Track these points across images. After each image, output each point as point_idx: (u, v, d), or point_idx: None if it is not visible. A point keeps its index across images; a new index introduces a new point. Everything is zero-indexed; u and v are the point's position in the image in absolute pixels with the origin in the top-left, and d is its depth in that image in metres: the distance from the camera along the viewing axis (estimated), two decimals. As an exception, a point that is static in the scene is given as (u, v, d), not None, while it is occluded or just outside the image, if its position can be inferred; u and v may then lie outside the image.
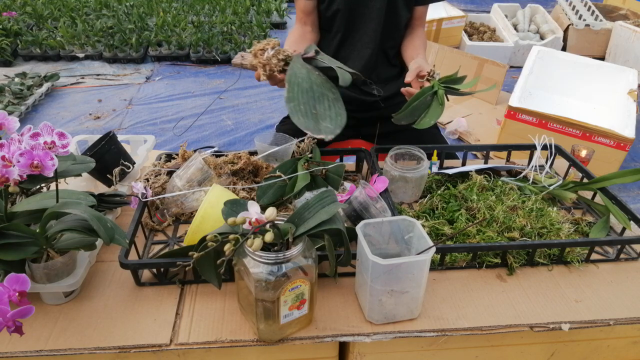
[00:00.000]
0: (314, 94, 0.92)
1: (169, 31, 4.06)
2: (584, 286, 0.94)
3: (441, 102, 1.12)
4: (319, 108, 0.90)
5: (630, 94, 2.50)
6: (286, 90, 0.93)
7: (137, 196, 0.99)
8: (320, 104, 0.91)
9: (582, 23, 4.04)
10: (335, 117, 0.89)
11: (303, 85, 0.92)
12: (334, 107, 0.91)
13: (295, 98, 0.91)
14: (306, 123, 0.88)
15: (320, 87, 0.93)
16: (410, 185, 1.13)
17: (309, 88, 0.92)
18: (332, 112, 0.90)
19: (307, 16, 1.42)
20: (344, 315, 0.85)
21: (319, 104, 0.91)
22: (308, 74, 0.95)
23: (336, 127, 0.89)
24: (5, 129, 0.86)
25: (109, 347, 0.78)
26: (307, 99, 0.91)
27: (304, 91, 0.92)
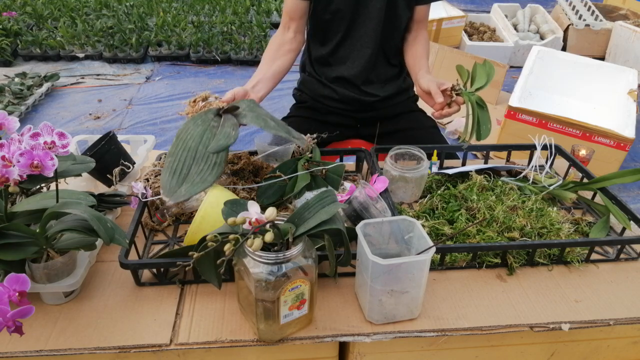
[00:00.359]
0: (197, 154, 0.91)
1: (169, 31, 4.07)
2: (584, 286, 0.94)
3: (483, 106, 1.14)
4: (193, 169, 0.89)
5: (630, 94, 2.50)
6: (172, 144, 0.94)
7: (137, 196, 0.99)
8: (197, 165, 0.90)
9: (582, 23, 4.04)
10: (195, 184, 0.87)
11: (189, 143, 0.92)
12: (206, 172, 0.89)
13: (175, 154, 0.91)
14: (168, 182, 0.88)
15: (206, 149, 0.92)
16: (410, 185, 1.13)
17: (194, 147, 0.92)
18: (198, 177, 0.88)
19: (292, 21, 1.38)
20: (344, 315, 0.85)
21: (195, 165, 0.90)
22: (202, 134, 0.94)
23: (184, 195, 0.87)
24: (5, 129, 0.86)
25: (109, 347, 0.78)
26: (185, 157, 0.90)
27: (186, 149, 0.92)
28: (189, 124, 0.95)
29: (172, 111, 3.16)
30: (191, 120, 0.96)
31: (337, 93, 1.48)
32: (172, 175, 0.88)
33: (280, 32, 1.41)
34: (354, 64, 1.44)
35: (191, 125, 0.95)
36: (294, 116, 1.59)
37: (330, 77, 1.48)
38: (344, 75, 1.45)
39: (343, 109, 1.52)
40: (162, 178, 0.88)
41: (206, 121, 0.96)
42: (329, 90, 1.49)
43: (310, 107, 1.57)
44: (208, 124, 0.95)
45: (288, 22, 1.39)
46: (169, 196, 0.86)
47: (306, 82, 1.56)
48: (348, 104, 1.51)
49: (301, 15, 1.38)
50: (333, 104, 1.51)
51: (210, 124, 0.95)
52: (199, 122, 0.96)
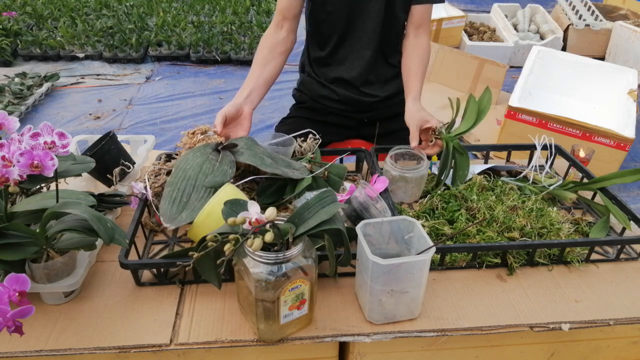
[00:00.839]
0: (196, 182, 0.95)
1: (169, 31, 4.07)
2: (584, 286, 0.94)
3: (462, 152, 1.16)
4: (193, 196, 0.93)
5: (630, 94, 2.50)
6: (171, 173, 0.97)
7: (137, 196, 0.99)
8: (197, 192, 0.94)
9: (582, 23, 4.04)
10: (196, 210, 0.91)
11: (188, 172, 0.96)
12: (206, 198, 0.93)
13: (175, 183, 0.95)
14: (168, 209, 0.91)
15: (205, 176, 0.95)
16: (410, 185, 1.13)
17: (193, 177, 0.95)
18: (199, 203, 0.92)
19: (286, 20, 1.36)
20: (344, 315, 0.85)
21: (195, 192, 0.94)
22: (201, 164, 0.97)
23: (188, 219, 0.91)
24: (5, 129, 0.86)
25: (109, 347, 0.78)
26: (184, 186, 0.94)
27: (186, 178, 0.95)
28: (188, 155, 0.99)
29: (172, 111, 3.16)
30: (190, 152, 1.00)
31: (337, 94, 1.48)
32: (171, 204, 0.92)
33: (272, 31, 1.38)
34: (353, 65, 1.43)
35: (190, 156, 0.99)
36: (294, 116, 1.59)
37: (329, 78, 1.48)
38: (343, 76, 1.45)
39: (343, 110, 1.52)
40: (162, 206, 0.91)
41: (205, 154, 0.99)
42: (329, 91, 1.49)
43: (310, 107, 1.57)
44: (207, 156, 0.99)
45: (281, 20, 1.36)
46: (170, 223, 0.89)
47: (306, 82, 1.56)
48: (348, 105, 1.50)
49: (295, 14, 1.36)
50: (333, 104, 1.51)
51: (209, 156, 0.99)
52: (197, 154, 0.99)
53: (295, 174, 1.01)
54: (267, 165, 0.98)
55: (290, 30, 1.38)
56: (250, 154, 1.00)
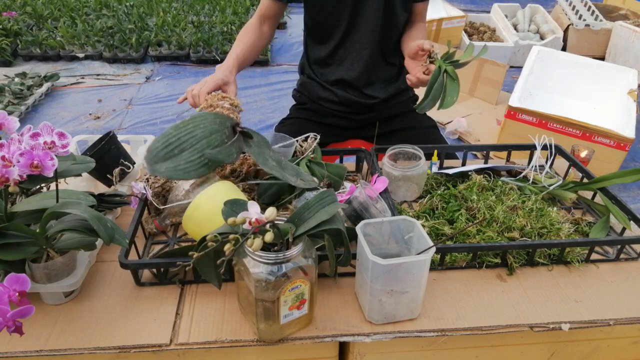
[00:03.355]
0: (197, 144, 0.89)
1: (169, 31, 4.06)
2: (584, 286, 0.94)
3: (455, 78, 1.10)
4: (184, 154, 0.88)
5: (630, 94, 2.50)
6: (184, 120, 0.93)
7: (137, 196, 0.99)
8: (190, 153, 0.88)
9: (582, 23, 4.04)
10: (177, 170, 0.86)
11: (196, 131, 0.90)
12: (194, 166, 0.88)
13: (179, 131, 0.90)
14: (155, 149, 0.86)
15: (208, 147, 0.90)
16: (412, 184, 1.13)
17: (199, 137, 0.90)
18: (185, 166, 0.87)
19: (267, 19, 1.43)
20: (344, 315, 0.85)
21: (188, 152, 0.88)
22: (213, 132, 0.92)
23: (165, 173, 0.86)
24: (5, 129, 0.86)
25: (109, 347, 0.78)
26: (185, 139, 0.89)
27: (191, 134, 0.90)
28: (209, 116, 0.94)
29: (172, 111, 3.16)
30: (213, 114, 0.95)
31: (337, 95, 1.48)
32: (163, 146, 0.86)
33: (255, 23, 1.43)
34: (353, 66, 1.43)
35: (210, 118, 0.93)
36: (294, 117, 1.59)
37: (329, 80, 1.48)
38: (343, 77, 1.45)
39: (343, 111, 1.52)
40: (153, 143, 0.86)
41: (222, 126, 0.95)
42: (329, 92, 1.49)
43: (309, 108, 1.57)
44: (223, 129, 0.94)
45: (262, 18, 1.43)
46: (149, 164, 0.84)
47: (305, 84, 1.56)
48: (348, 107, 1.50)
49: (275, 14, 1.43)
50: (333, 106, 1.51)
51: (225, 131, 0.94)
52: (217, 120, 0.94)
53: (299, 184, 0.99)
54: (269, 168, 0.96)
55: (270, 27, 1.46)
56: (258, 151, 0.98)
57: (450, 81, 1.10)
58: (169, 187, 1.07)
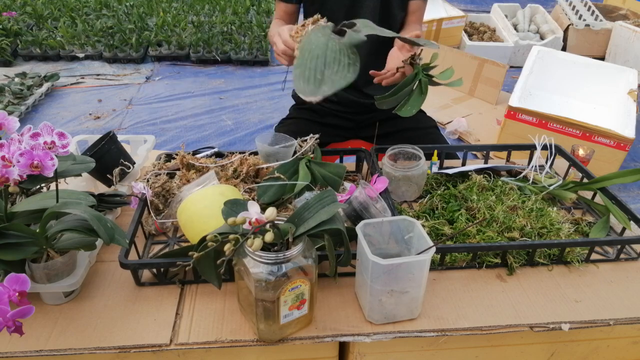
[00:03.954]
0: (326, 59, 0.90)
1: (169, 31, 4.06)
2: (584, 286, 0.94)
3: (423, 92, 1.09)
4: (326, 72, 0.88)
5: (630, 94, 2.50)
6: (297, 57, 0.92)
7: (137, 196, 0.99)
8: (329, 68, 0.89)
9: (582, 23, 4.04)
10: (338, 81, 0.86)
11: (315, 52, 0.91)
12: (343, 71, 0.88)
13: (303, 64, 0.89)
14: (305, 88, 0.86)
15: (335, 52, 0.90)
16: (412, 184, 1.13)
17: (321, 54, 0.90)
18: (337, 76, 0.87)
19: (288, 16, 1.42)
20: (344, 315, 0.85)
21: (327, 69, 0.89)
22: (326, 42, 0.92)
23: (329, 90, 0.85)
24: (5, 129, 0.86)
25: (109, 347, 0.78)
26: (315, 65, 0.89)
27: (314, 57, 0.90)
28: (310, 37, 0.95)
29: (172, 111, 3.16)
30: (311, 33, 0.97)
31: (336, 95, 1.48)
32: (306, 83, 0.87)
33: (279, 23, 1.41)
34: None
35: (313, 37, 0.95)
36: (294, 117, 1.59)
37: None
38: None
39: (342, 111, 1.52)
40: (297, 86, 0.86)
41: (326, 33, 0.96)
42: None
43: (309, 108, 1.57)
44: (328, 34, 0.95)
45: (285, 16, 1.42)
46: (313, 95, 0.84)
47: None
48: (347, 107, 1.50)
49: (290, 16, 1.43)
50: (332, 106, 1.51)
51: (330, 35, 0.95)
52: (319, 34, 0.95)
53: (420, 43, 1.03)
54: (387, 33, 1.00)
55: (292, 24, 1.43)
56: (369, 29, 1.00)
57: (418, 93, 1.09)
58: (168, 187, 1.07)
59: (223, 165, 1.12)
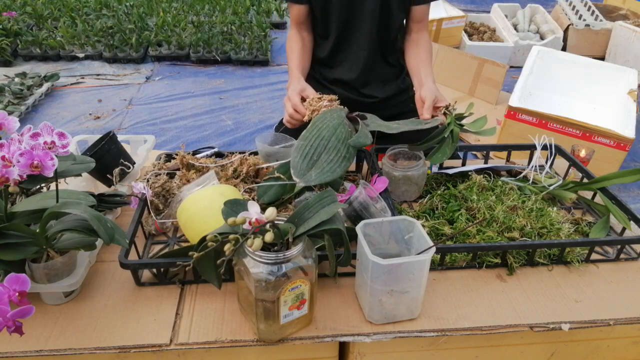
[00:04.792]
0: (329, 143, 0.97)
1: (169, 31, 4.06)
2: (584, 286, 0.94)
3: (454, 141, 1.13)
4: (323, 157, 0.95)
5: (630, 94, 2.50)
6: (307, 128, 0.99)
7: (137, 196, 0.99)
8: (327, 153, 0.96)
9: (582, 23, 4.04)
10: (325, 173, 0.93)
11: (323, 132, 0.98)
12: (335, 163, 0.95)
13: (309, 139, 0.96)
14: (298, 163, 0.93)
15: (339, 141, 0.97)
16: (412, 184, 1.13)
17: (327, 137, 0.97)
18: (328, 166, 0.94)
19: (302, 23, 1.42)
20: (344, 315, 0.85)
21: (326, 154, 0.96)
22: (337, 127, 0.99)
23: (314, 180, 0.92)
24: (5, 129, 0.86)
25: (109, 347, 0.78)
26: (318, 144, 0.96)
27: (320, 137, 0.97)
28: (326, 115, 1.01)
29: (172, 111, 3.16)
30: (328, 111, 1.03)
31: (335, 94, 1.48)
32: (302, 158, 0.93)
33: (295, 32, 1.43)
34: (352, 67, 1.43)
35: (328, 116, 1.01)
36: (294, 117, 1.59)
37: (329, 79, 1.48)
38: (342, 77, 1.45)
39: None
40: (293, 160, 0.93)
41: (340, 118, 1.01)
42: (328, 91, 1.49)
43: (308, 108, 1.57)
44: (342, 120, 1.01)
45: (297, 25, 1.42)
46: (299, 178, 0.90)
47: None
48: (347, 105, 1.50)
49: (305, 18, 1.42)
50: None
51: (344, 122, 1.01)
52: (334, 115, 1.01)
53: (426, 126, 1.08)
54: (392, 129, 1.05)
55: (308, 28, 1.45)
56: (377, 125, 1.07)
57: (449, 141, 1.13)
58: (168, 187, 1.07)
59: (223, 165, 1.12)
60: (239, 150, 1.20)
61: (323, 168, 0.92)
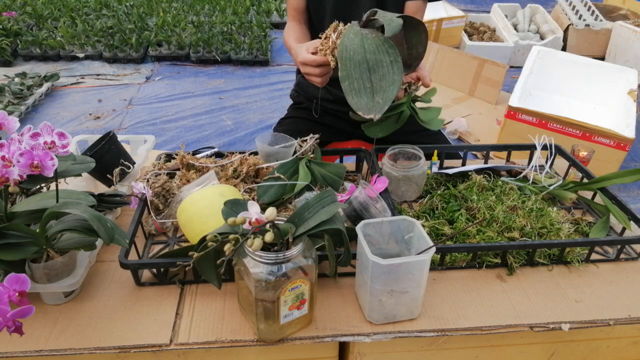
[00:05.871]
0: (368, 64, 0.88)
1: (169, 31, 4.06)
2: (584, 286, 0.94)
3: (399, 122, 1.11)
4: (373, 79, 0.87)
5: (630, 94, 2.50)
6: (339, 68, 0.90)
7: (137, 196, 0.99)
8: (375, 73, 0.88)
9: (582, 23, 4.04)
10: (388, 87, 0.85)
11: (355, 58, 0.89)
12: (389, 73, 0.87)
13: (349, 75, 0.88)
14: (359, 102, 0.85)
15: (374, 53, 0.88)
16: (412, 184, 1.13)
17: (362, 60, 0.88)
18: (385, 81, 0.86)
19: (300, 14, 1.40)
20: (344, 315, 0.85)
21: (373, 74, 0.87)
22: (362, 42, 0.90)
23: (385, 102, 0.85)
24: (5, 129, 0.86)
25: (109, 347, 0.78)
26: (360, 73, 0.88)
27: (356, 65, 0.88)
28: (344, 42, 0.92)
29: (172, 111, 3.16)
30: (344, 38, 0.93)
31: (332, 94, 1.48)
32: (358, 95, 0.86)
33: (294, 23, 1.40)
34: None
35: (347, 42, 0.92)
36: (292, 117, 1.59)
37: None
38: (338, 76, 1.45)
39: (338, 111, 1.52)
40: (351, 102, 0.86)
41: (357, 32, 0.92)
42: (324, 91, 1.49)
43: (306, 108, 1.57)
44: (360, 33, 0.92)
45: (297, 15, 1.40)
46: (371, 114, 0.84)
47: (302, 83, 1.56)
48: (343, 106, 1.50)
49: (301, 11, 1.40)
50: (328, 105, 1.51)
51: (362, 32, 0.92)
52: (351, 35, 0.92)
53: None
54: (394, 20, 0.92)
55: (306, 21, 1.42)
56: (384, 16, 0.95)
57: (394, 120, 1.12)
58: (168, 187, 1.07)
59: (223, 165, 1.12)
60: (239, 150, 1.20)
61: (382, 87, 0.85)
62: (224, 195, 0.91)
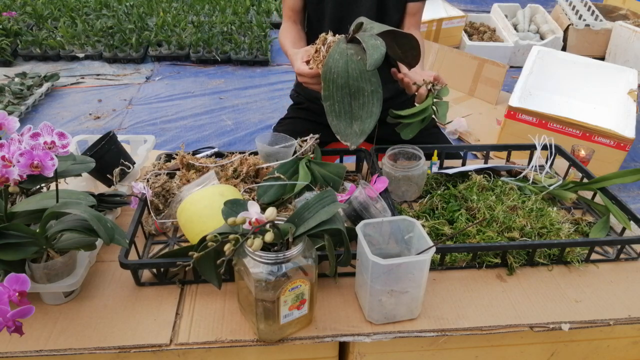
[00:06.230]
0: (350, 89, 0.89)
1: (169, 31, 4.06)
2: (584, 286, 0.94)
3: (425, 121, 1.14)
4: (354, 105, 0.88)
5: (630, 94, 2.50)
6: (322, 88, 0.91)
7: (137, 196, 0.99)
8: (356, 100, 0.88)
9: (582, 23, 4.04)
10: (365, 119, 0.86)
11: (338, 81, 0.89)
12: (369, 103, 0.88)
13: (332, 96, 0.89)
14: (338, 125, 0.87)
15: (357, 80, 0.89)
16: (412, 184, 1.13)
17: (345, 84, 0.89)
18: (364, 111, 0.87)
19: (296, 14, 1.40)
20: (344, 315, 0.85)
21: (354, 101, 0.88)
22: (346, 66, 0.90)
23: (361, 133, 0.86)
24: (5, 129, 0.86)
25: (109, 347, 0.78)
26: (342, 97, 0.89)
27: (339, 88, 0.89)
28: (329, 63, 0.93)
29: (172, 111, 3.16)
30: (329, 58, 0.93)
31: None
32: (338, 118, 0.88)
33: (290, 24, 1.40)
34: None
35: (332, 63, 0.92)
36: (291, 117, 1.59)
37: None
38: None
39: None
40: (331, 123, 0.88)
41: (342, 52, 0.92)
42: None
43: (306, 108, 1.57)
44: (345, 54, 0.92)
45: (293, 15, 1.40)
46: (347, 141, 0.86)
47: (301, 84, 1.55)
48: None
49: (301, 7, 1.40)
50: None
51: (347, 52, 0.92)
52: (336, 56, 0.92)
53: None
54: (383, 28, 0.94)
55: (302, 22, 1.43)
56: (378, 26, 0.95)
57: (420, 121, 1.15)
58: (168, 187, 1.07)
59: (223, 165, 1.12)
60: (239, 150, 1.20)
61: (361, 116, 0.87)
62: (224, 195, 0.91)
